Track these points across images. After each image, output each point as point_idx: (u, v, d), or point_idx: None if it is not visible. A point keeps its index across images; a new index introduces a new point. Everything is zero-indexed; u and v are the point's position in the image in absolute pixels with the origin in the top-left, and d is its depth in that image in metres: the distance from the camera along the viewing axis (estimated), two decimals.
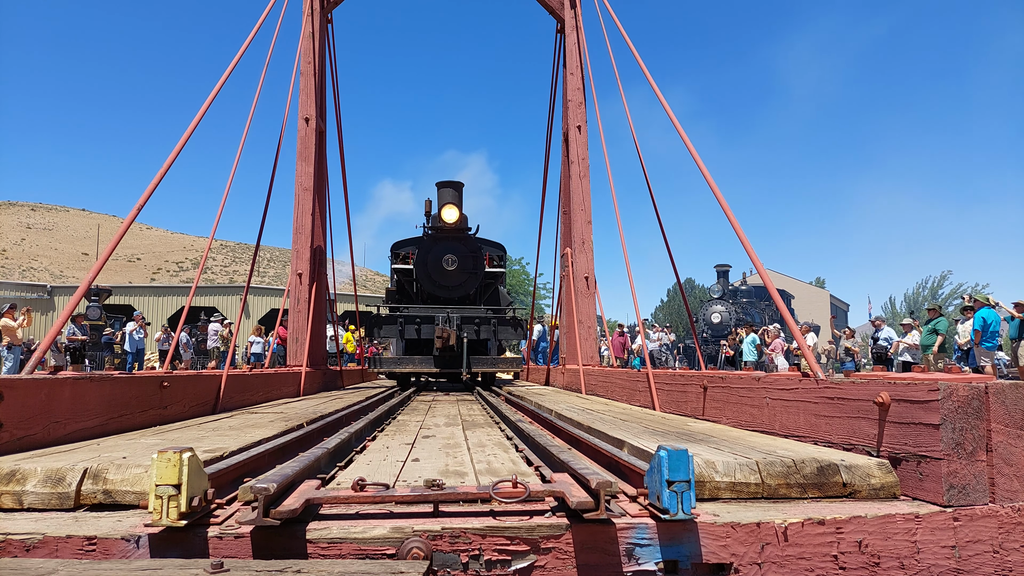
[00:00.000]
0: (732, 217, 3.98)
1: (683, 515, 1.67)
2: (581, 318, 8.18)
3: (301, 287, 7.92)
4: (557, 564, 1.70)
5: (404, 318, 8.37)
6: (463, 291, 9.21)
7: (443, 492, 1.78)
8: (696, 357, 15.92)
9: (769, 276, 4.55)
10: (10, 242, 44.54)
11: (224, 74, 5.28)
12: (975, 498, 1.92)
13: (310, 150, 8.08)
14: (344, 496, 1.78)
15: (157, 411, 3.52)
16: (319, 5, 8.62)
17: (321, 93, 8.63)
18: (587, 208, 8.43)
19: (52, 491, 1.90)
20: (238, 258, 49.28)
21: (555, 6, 9.32)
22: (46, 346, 3.31)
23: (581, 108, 8.75)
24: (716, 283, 22.71)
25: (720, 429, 3.11)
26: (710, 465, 2.05)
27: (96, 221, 50.96)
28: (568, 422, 3.51)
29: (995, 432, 1.96)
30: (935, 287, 48.01)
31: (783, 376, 2.95)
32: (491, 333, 8.52)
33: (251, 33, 5.70)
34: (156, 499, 1.58)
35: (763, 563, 1.75)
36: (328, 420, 3.74)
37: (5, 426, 2.38)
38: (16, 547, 1.63)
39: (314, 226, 8.10)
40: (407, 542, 1.66)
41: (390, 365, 8.58)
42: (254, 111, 6.03)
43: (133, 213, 4.10)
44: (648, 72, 5.45)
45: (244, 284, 15.67)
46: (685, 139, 4.65)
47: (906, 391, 2.10)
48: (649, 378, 4.77)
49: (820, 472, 2.05)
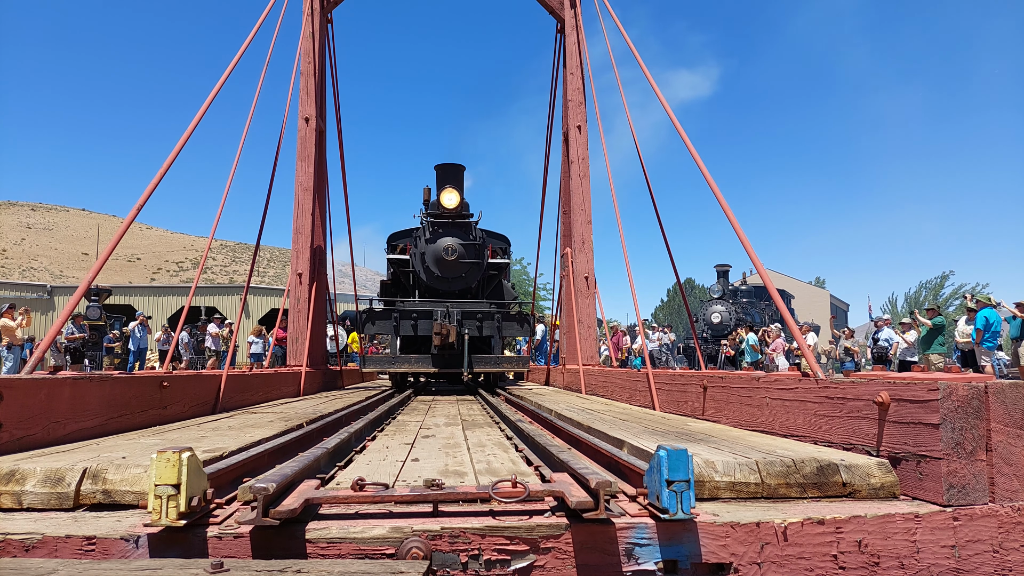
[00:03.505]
0: (732, 217, 3.98)
1: (683, 515, 1.67)
2: (581, 318, 8.18)
3: (301, 287, 7.92)
4: (557, 564, 1.70)
5: (399, 313, 7.67)
6: (464, 284, 8.43)
7: (442, 492, 1.78)
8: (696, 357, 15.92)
9: (769, 276, 4.55)
10: (10, 242, 44.54)
11: (224, 74, 5.29)
12: (975, 498, 1.92)
13: (310, 150, 8.08)
14: (343, 496, 1.78)
15: (157, 411, 3.52)
16: (319, 5, 8.62)
17: (321, 93, 8.63)
18: (587, 208, 8.43)
19: (51, 491, 1.90)
20: (238, 258, 49.28)
21: (555, 6, 9.32)
22: (46, 346, 3.31)
23: (581, 108, 8.75)
24: (716, 283, 22.67)
25: (720, 429, 3.11)
26: (710, 465, 2.05)
27: (96, 221, 50.98)
28: (568, 422, 3.51)
29: (995, 432, 1.96)
30: (936, 287, 48.00)
31: (783, 376, 2.95)
32: (495, 330, 7.79)
33: (251, 33, 5.70)
34: (155, 499, 1.58)
35: (763, 563, 1.74)
36: (328, 420, 3.74)
37: (5, 426, 2.38)
38: (15, 547, 1.63)
39: (314, 226, 8.10)
40: (406, 542, 1.66)
41: (384, 365, 7.97)
42: (254, 111, 6.04)
43: (133, 213, 4.10)
44: (648, 72, 5.45)
45: (244, 284, 15.67)
46: (685, 139, 4.65)
47: (906, 391, 2.10)
48: (649, 378, 4.77)
49: (820, 472, 2.05)
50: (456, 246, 8.07)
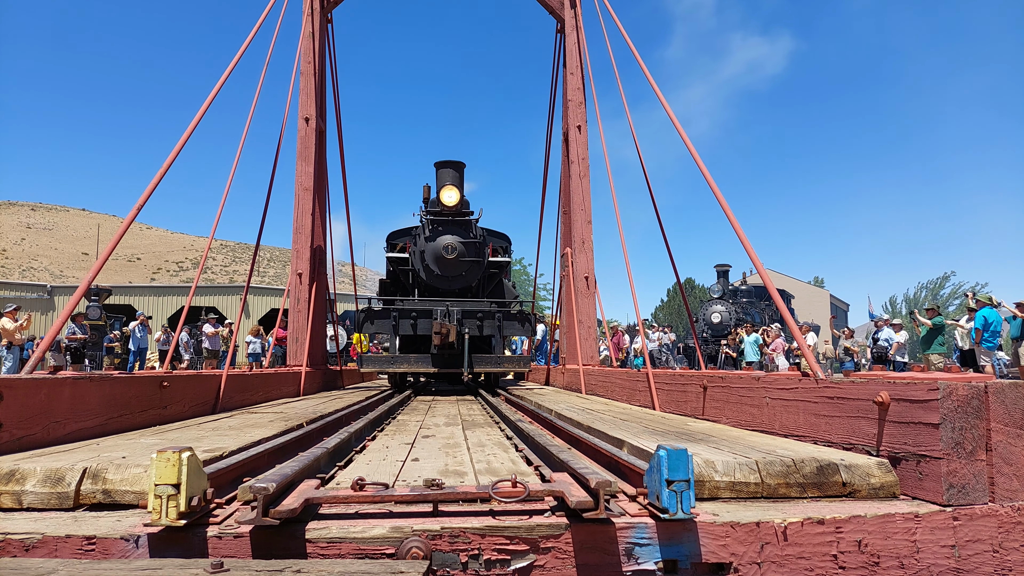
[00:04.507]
0: (732, 217, 3.98)
1: (682, 515, 1.67)
2: (581, 318, 8.18)
3: (301, 287, 7.93)
4: (556, 564, 1.70)
5: (398, 312, 7.53)
6: (464, 282, 8.30)
7: (442, 492, 1.78)
8: (696, 357, 15.92)
9: (769, 276, 4.55)
10: (10, 242, 44.56)
11: (224, 73, 5.29)
12: (974, 497, 1.92)
13: (310, 150, 8.09)
14: (343, 496, 1.78)
15: (157, 411, 3.52)
16: (319, 5, 8.63)
17: (321, 93, 8.63)
18: (587, 208, 8.43)
19: (51, 491, 1.90)
20: (238, 258, 49.29)
21: (555, 6, 9.32)
22: (46, 346, 3.31)
23: (581, 108, 8.75)
24: (716, 283, 22.65)
25: (720, 429, 3.11)
26: (709, 465, 2.05)
27: (96, 221, 50.99)
28: (568, 422, 3.51)
29: (995, 431, 1.96)
30: (937, 288, 48.03)
31: (783, 376, 2.95)
32: (495, 329, 7.64)
33: (251, 33, 5.71)
34: (155, 499, 1.58)
35: (762, 563, 1.74)
36: (328, 420, 3.74)
37: (5, 426, 2.38)
38: (15, 547, 1.63)
39: (314, 226, 8.10)
40: (406, 542, 1.66)
41: (383, 364, 7.84)
42: (254, 111, 6.04)
43: (133, 213, 4.11)
44: (648, 72, 5.45)
45: (244, 284, 15.67)
46: (685, 139, 4.65)
47: (906, 391, 2.10)
48: (649, 378, 4.77)
49: (820, 472, 2.05)
50: (456, 244, 7.91)
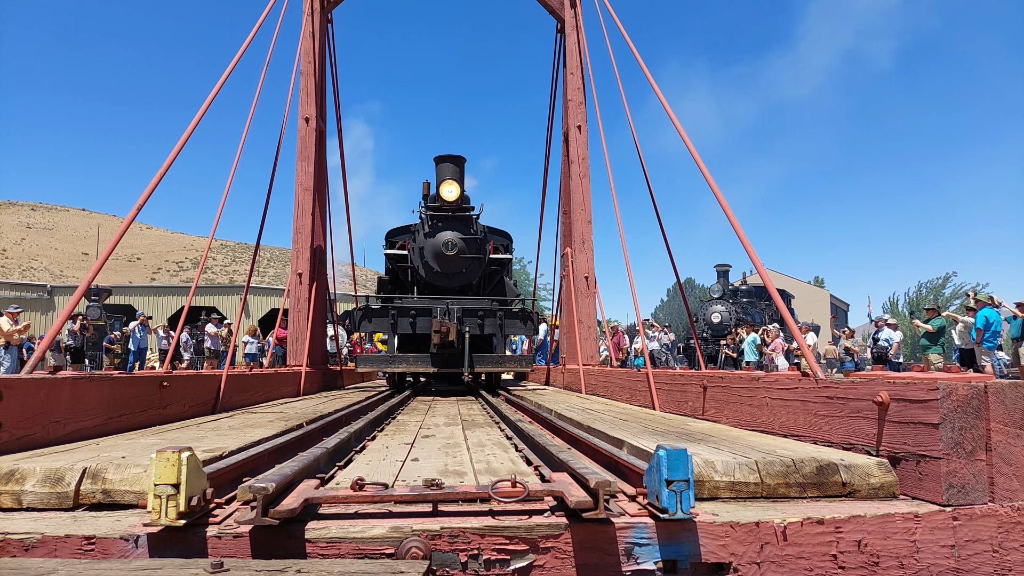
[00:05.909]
0: (732, 217, 3.98)
1: (682, 515, 1.67)
2: (581, 318, 8.18)
3: (301, 287, 7.93)
4: (556, 564, 1.70)
5: (397, 310, 7.35)
6: (464, 280, 8.10)
7: (442, 492, 1.78)
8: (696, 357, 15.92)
9: (769, 276, 4.55)
10: (10, 242, 44.56)
11: (224, 73, 5.29)
12: (974, 497, 1.92)
13: (310, 150, 8.09)
14: (343, 496, 1.78)
15: (157, 411, 3.52)
16: (319, 5, 8.63)
17: (321, 93, 8.64)
18: (587, 208, 8.43)
19: (51, 491, 1.90)
20: (238, 258, 49.27)
21: (555, 6, 9.32)
22: (46, 346, 3.31)
23: (581, 108, 8.75)
24: (716, 283, 22.66)
25: (720, 429, 3.11)
26: (709, 465, 2.05)
27: (96, 221, 50.99)
28: (568, 422, 3.51)
29: (994, 431, 1.96)
30: (937, 288, 48.02)
31: (783, 376, 2.95)
32: (497, 328, 7.44)
33: (251, 33, 5.70)
34: (155, 499, 1.58)
35: (762, 563, 1.74)
36: (328, 420, 3.74)
37: (4, 426, 2.38)
38: (15, 547, 1.63)
39: (314, 226, 8.11)
40: (406, 542, 1.66)
41: (381, 364, 7.65)
42: (254, 111, 6.04)
43: (133, 213, 4.11)
44: (648, 72, 5.45)
45: (244, 284, 15.67)
46: (685, 139, 4.65)
47: (905, 391, 2.10)
48: (649, 378, 4.77)
49: (819, 472, 2.05)
50: (456, 240, 7.73)
